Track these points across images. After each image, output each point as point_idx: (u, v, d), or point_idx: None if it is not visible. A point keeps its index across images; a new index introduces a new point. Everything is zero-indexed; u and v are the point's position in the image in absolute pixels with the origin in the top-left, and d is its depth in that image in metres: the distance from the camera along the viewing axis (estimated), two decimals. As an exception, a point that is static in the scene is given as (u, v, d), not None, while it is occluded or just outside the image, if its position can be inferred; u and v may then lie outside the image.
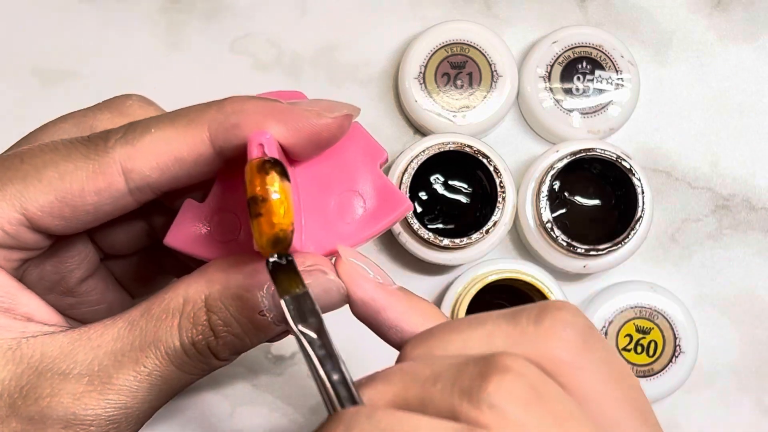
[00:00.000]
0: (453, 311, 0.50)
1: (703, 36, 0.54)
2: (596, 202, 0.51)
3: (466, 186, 0.51)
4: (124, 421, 0.30)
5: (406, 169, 0.49)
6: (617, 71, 0.51)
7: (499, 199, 0.49)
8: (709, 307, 0.53)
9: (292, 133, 0.29)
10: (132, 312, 0.30)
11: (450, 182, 0.51)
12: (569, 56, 0.51)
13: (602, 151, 0.49)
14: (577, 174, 0.51)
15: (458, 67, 0.51)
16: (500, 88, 0.51)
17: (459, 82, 0.51)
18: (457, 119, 0.51)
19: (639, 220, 0.49)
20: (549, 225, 0.49)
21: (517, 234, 0.52)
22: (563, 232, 0.49)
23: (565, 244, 0.49)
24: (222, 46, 0.53)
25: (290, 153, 0.30)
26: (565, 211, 0.51)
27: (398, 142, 0.53)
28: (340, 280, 0.30)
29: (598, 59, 0.51)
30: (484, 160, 0.48)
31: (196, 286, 0.30)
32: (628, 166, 0.49)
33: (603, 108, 0.51)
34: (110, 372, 0.29)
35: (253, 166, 0.27)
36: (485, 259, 0.51)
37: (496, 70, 0.51)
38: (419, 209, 0.50)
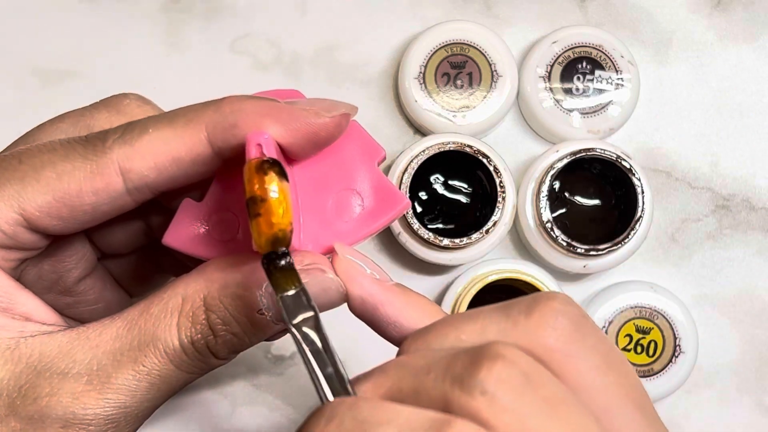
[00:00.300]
0: (453, 311, 0.50)
1: (703, 36, 0.54)
2: (596, 202, 0.51)
3: (466, 186, 0.51)
4: (123, 420, 0.30)
5: (406, 169, 0.49)
6: (617, 71, 0.51)
7: (499, 199, 0.48)
8: (709, 307, 0.53)
9: (290, 132, 0.29)
10: (131, 311, 0.30)
11: (450, 182, 0.51)
12: (569, 56, 0.51)
13: (602, 151, 0.49)
14: (577, 174, 0.51)
15: (458, 67, 0.51)
16: (500, 88, 0.51)
17: (459, 82, 0.51)
18: (457, 119, 0.51)
19: (639, 220, 0.49)
20: (549, 225, 0.49)
21: (517, 234, 0.52)
22: (563, 232, 0.49)
23: (565, 244, 0.49)
24: (222, 46, 0.53)
25: (288, 152, 0.30)
26: (565, 211, 0.51)
27: (398, 142, 0.53)
28: (338, 279, 0.30)
29: (598, 59, 0.51)
30: (484, 160, 0.48)
31: (195, 286, 0.30)
32: (628, 166, 0.49)
33: (603, 108, 0.51)
34: (109, 371, 0.29)
35: (252, 167, 0.27)
36: (485, 259, 0.51)
37: (496, 70, 0.51)
38: (419, 209, 0.50)
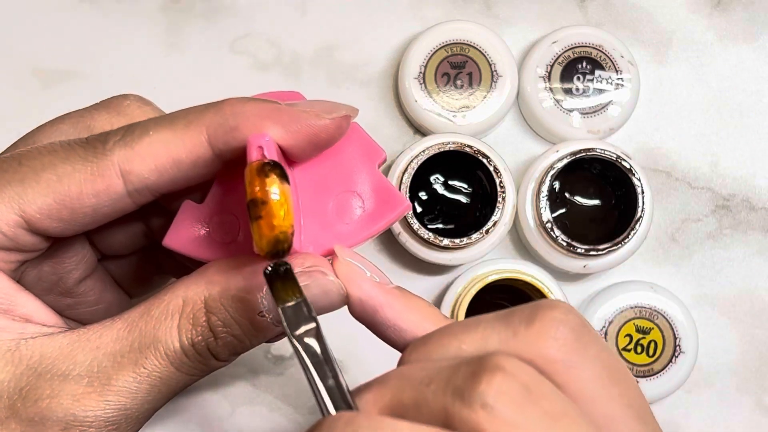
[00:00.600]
0: (453, 311, 0.50)
1: (703, 36, 0.54)
2: (596, 202, 0.51)
3: (466, 186, 0.51)
4: (124, 422, 0.30)
5: (406, 169, 0.49)
6: (617, 71, 0.51)
7: (499, 199, 0.48)
8: (709, 307, 0.53)
9: (291, 134, 0.29)
10: (131, 313, 0.30)
11: (450, 182, 0.51)
12: (569, 56, 0.51)
13: (602, 151, 0.49)
14: (577, 174, 0.51)
15: (458, 67, 0.51)
16: (500, 88, 0.51)
17: (459, 82, 0.51)
18: (457, 119, 0.51)
19: (639, 220, 0.49)
20: (549, 225, 0.49)
21: (517, 234, 0.52)
22: (563, 232, 0.49)
23: (565, 244, 0.49)
24: (222, 46, 0.53)
25: (289, 154, 0.30)
26: (565, 211, 0.51)
27: (398, 142, 0.53)
28: (339, 281, 0.29)
29: (598, 59, 0.51)
30: (484, 160, 0.48)
31: (196, 288, 0.30)
32: (628, 166, 0.49)
33: (603, 108, 0.51)
34: (109, 373, 0.29)
35: (253, 169, 0.27)
36: (485, 259, 0.51)
37: (496, 70, 0.51)
38: (419, 209, 0.50)
